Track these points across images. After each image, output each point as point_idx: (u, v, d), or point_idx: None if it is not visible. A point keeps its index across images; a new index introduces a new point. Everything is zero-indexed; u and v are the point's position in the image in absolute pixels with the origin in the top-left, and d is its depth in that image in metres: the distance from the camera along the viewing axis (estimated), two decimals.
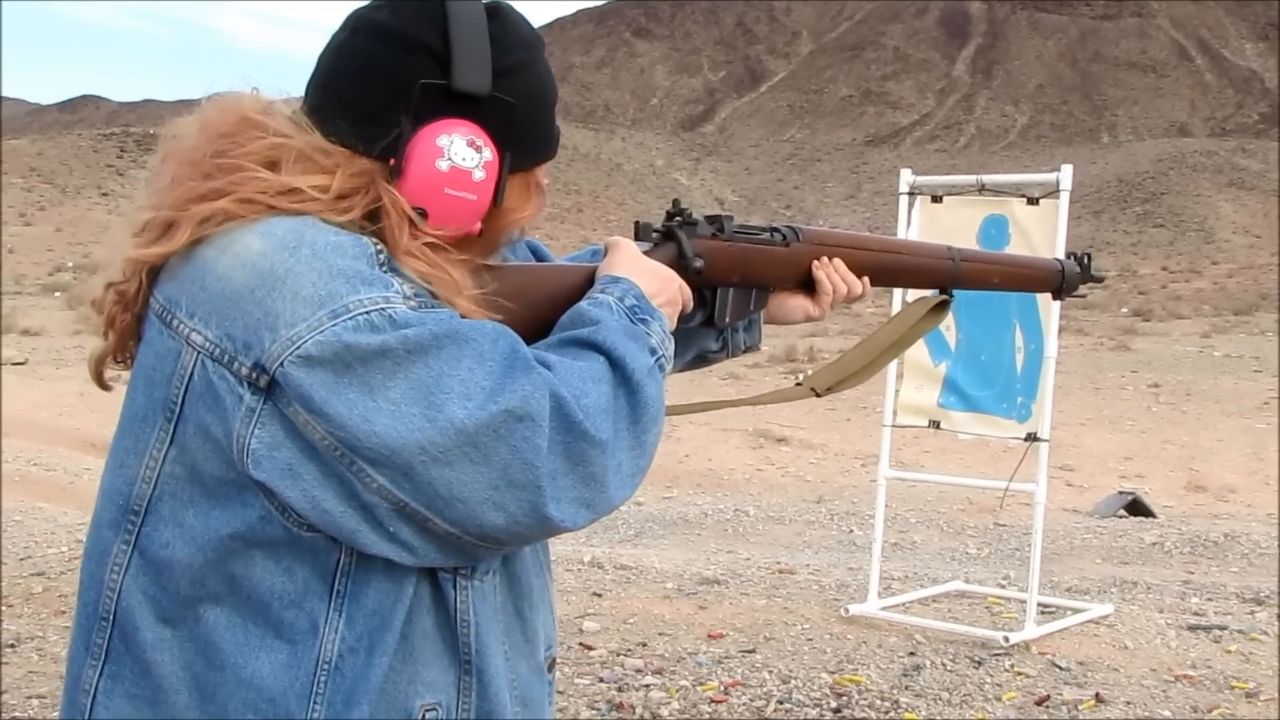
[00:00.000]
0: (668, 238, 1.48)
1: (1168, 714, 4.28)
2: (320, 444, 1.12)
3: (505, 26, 1.26)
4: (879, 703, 4.31)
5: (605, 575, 6.12)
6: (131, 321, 1.26)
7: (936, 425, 5.45)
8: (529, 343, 1.23)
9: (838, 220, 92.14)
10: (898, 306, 4.69)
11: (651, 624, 5.19)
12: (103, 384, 1.32)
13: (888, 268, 1.68)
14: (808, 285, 1.63)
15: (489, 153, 1.24)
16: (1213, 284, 51.68)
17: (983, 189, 5.40)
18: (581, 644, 4.87)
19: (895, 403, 5.52)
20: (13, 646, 4.73)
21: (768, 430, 13.43)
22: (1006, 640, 4.89)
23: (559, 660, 4.87)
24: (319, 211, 1.19)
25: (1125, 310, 36.48)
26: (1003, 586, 6.25)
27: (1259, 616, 5.56)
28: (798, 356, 20.57)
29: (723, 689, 4.41)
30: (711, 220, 1.52)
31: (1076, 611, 5.45)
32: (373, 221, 1.21)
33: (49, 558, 6.15)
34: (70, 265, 47.75)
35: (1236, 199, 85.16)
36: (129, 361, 1.28)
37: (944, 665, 4.70)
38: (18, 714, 4.06)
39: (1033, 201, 5.22)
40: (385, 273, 1.17)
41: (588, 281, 1.35)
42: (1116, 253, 72.37)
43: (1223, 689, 4.51)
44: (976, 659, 4.77)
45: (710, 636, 5.03)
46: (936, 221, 5.40)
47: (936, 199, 5.47)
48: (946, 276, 1.75)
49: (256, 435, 1.14)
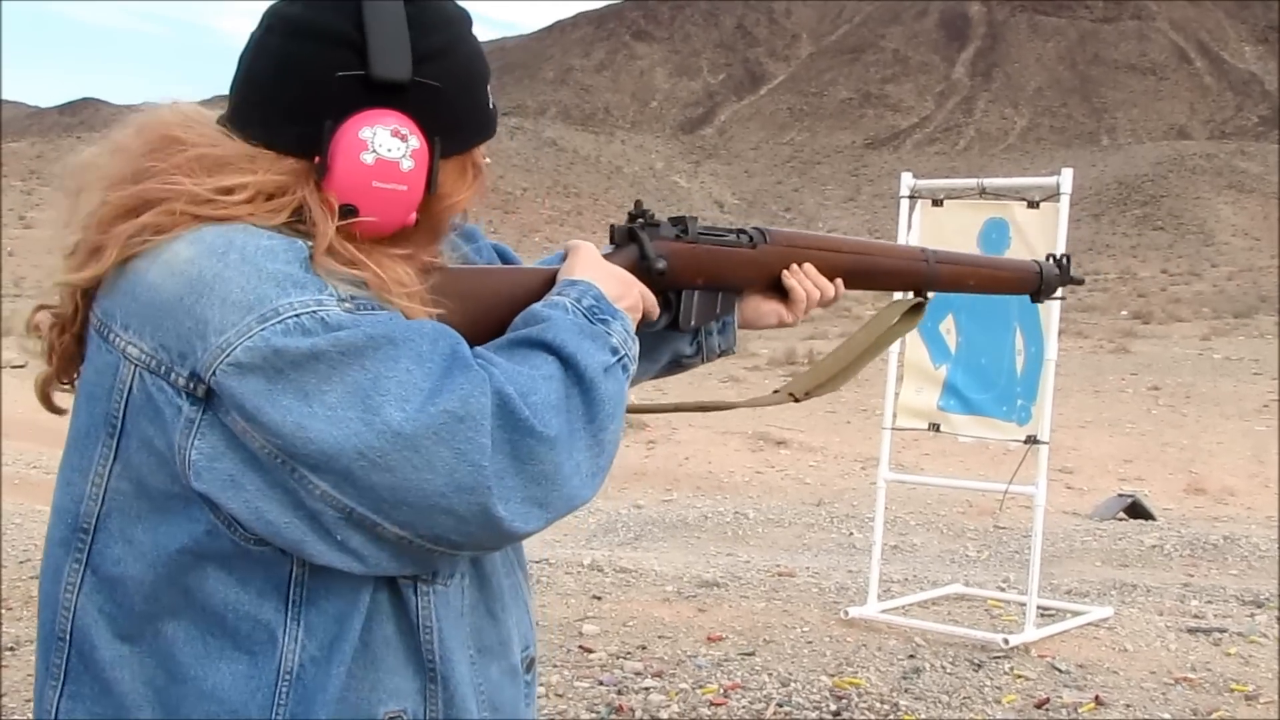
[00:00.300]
0: (630, 239, 1.46)
1: (1167, 717, 4.28)
2: (260, 452, 1.10)
3: (424, 9, 1.22)
4: (879, 705, 4.31)
5: (605, 578, 6.12)
6: (71, 342, 1.25)
7: (936, 428, 5.45)
8: (480, 345, 1.21)
9: (837, 223, 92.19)
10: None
11: (651, 627, 5.19)
12: (52, 407, 1.30)
13: (861, 270, 1.66)
14: (778, 289, 1.60)
15: (416, 140, 1.20)
16: (1212, 286, 51.63)
17: (983, 192, 5.41)
18: (581, 647, 4.87)
19: (895, 405, 5.52)
20: (12, 650, 4.72)
21: (767, 433, 13.41)
22: (1006, 643, 4.90)
23: (558, 663, 4.87)
24: (248, 216, 1.17)
25: (1125, 313, 36.46)
26: (1002, 589, 6.25)
27: (1259, 619, 5.57)
28: (798, 359, 20.52)
29: (722, 692, 4.41)
30: (675, 222, 1.50)
31: (1076, 614, 5.45)
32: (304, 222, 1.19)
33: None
34: None
35: (1236, 201, 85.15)
36: (75, 382, 1.26)
37: (944, 668, 4.70)
38: (16, 717, 4.06)
39: (1033, 205, 5.23)
40: (319, 275, 1.14)
41: (546, 284, 1.33)
42: (1116, 255, 72.36)
43: (1222, 691, 4.51)
44: (976, 662, 4.77)
45: (710, 639, 5.02)
46: (937, 225, 5.41)
47: (937, 202, 5.48)
48: (922, 278, 1.72)
49: (196, 446, 1.11)
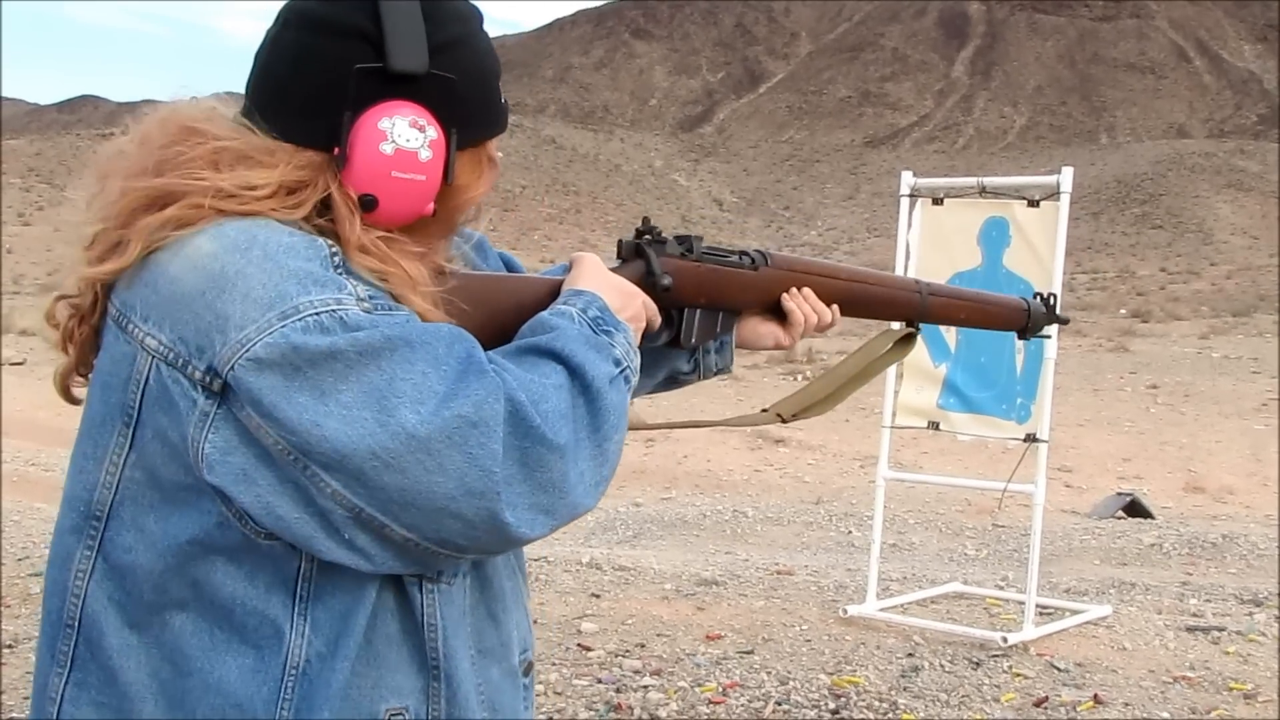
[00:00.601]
0: (637, 255, 1.48)
1: (1166, 715, 4.28)
2: (274, 448, 1.11)
3: (438, 4, 1.24)
4: (877, 704, 4.31)
5: (604, 576, 6.11)
6: (90, 333, 1.25)
7: (936, 426, 5.45)
8: (488, 350, 1.21)
9: (836, 221, 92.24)
10: None
11: (650, 625, 5.19)
12: (70, 398, 1.31)
13: (856, 297, 1.69)
14: (776, 311, 1.63)
15: (433, 131, 1.22)
16: (1211, 285, 51.66)
17: (983, 191, 5.41)
18: (580, 645, 4.87)
19: (895, 404, 5.52)
20: (10, 647, 4.72)
21: (766, 431, 13.41)
22: (1005, 641, 4.90)
23: (557, 661, 4.86)
24: (270, 211, 1.18)
25: (1124, 311, 36.48)
26: (1001, 588, 6.25)
27: (1257, 618, 5.57)
28: (797, 358, 20.56)
29: (721, 690, 4.41)
30: (681, 240, 1.52)
31: (1075, 613, 5.45)
32: (328, 215, 1.21)
33: (46, 558, 6.14)
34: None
35: (1235, 200, 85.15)
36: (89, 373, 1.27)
37: (942, 666, 4.70)
38: (15, 714, 4.06)
39: (1033, 204, 5.23)
40: (339, 274, 1.15)
41: (552, 294, 1.35)
42: (1115, 254, 72.36)
43: (1221, 690, 4.51)
44: (975, 660, 4.77)
45: (708, 638, 5.02)
46: (937, 224, 5.41)
47: (938, 201, 5.48)
48: (914, 310, 1.75)
49: (210, 440, 1.12)
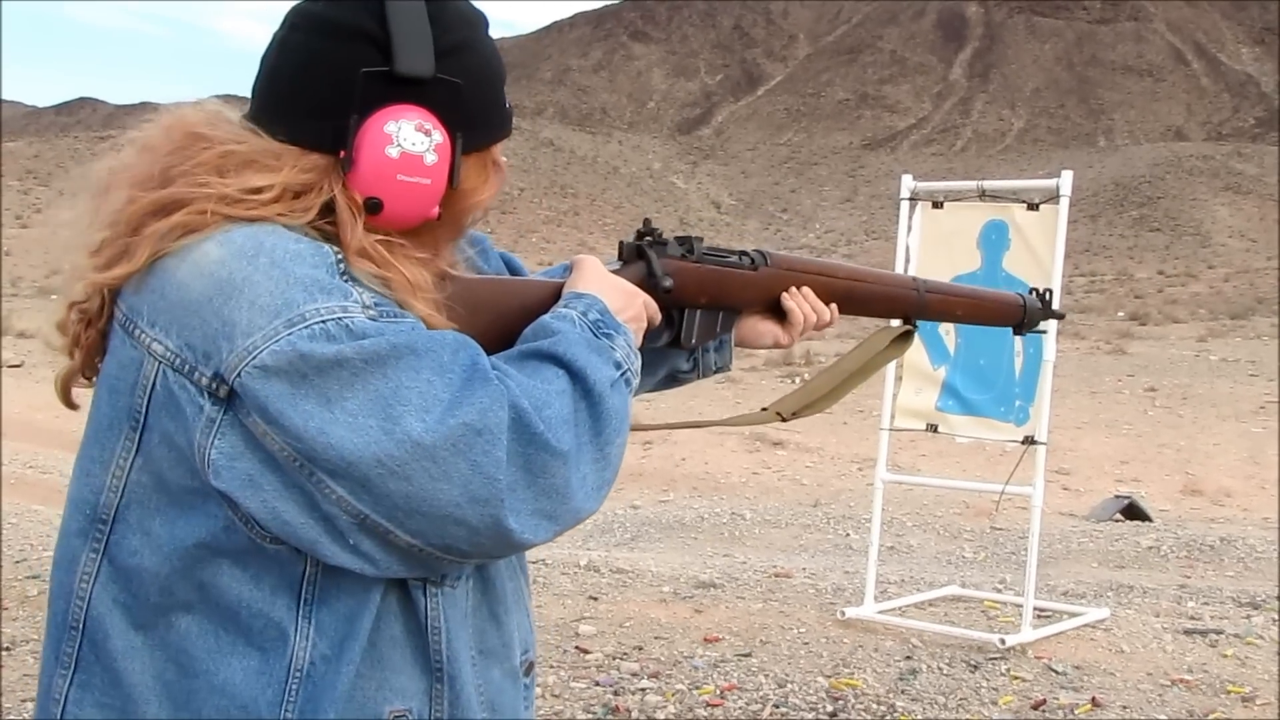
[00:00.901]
0: (638, 256, 1.49)
1: (1164, 718, 4.28)
2: (279, 455, 1.11)
3: (444, 7, 1.25)
4: (875, 706, 4.31)
5: (601, 579, 6.11)
6: (96, 338, 1.26)
7: (934, 428, 5.45)
8: (491, 355, 1.22)
9: (834, 224, 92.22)
10: None
11: (648, 627, 5.19)
12: (70, 403, 1.31)
13: (854, 296, 1.70)
14: (775, 310, 1.64)
15: (439, 135, 1.23)
16: (1209, 288, 51.70)
17: (983, 194, 5.42)
18: (578, 647, 4.87)
19: (894, 406, 5.52)
20: (8, 650, 4.72)
21: (764, 433, 13.41)
22: (1003, 644, 4.90)
23: (555, 664, 4.86)
24: (277, 215, 1.18)
25: (1122, 314, 36.50)
26: (999, 590, 6.25)
27: (1255, 620, 5.56)
28: (794, 360, 20.56)
29: (719, 693, 4.41)
30: (681, 241, 1.53)
31: (1073, 615, 5.45)
32: (330, 218, 1.21)
33: (44, 560, 6.13)
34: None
35: (1233, 203, 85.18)
36: (93, 378, 1.28)
37: (940, 669, 4.70)
38: (12, 717, 4.06)
39: (1033, 207, 5.24)
40: (345, 281, 1.15)
41: (553, 296, 1.35)
42: (1113, 256, 72.42)
43: (1219, 693, 4.51)
44: (973, 663, 4.77)
45: (706, 640, 5.02)
46: (937, 227, 5.42)
47: (937, 204, 5.48)
48: (911, 307, 1.76)
49: (217, 445, 1.13)
